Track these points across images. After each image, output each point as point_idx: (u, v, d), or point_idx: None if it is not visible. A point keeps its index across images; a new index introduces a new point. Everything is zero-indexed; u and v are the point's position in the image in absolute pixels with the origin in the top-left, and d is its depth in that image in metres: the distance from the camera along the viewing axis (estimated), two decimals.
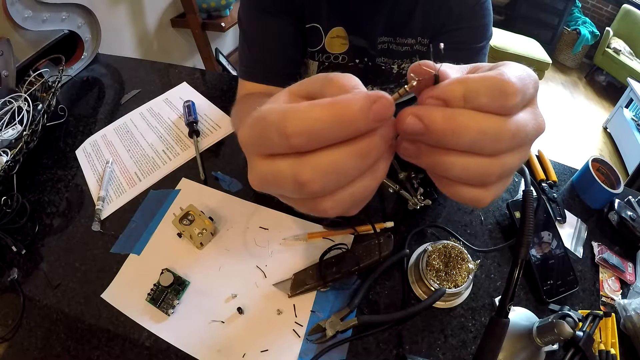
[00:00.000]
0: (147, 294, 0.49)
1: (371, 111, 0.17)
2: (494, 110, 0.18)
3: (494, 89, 0.18)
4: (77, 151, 0.69)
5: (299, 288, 0.48)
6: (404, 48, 0.63)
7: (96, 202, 0.59)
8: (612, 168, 0.64)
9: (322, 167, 0.18)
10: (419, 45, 0.63)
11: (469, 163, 0.19)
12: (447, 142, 0.18)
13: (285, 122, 0.17)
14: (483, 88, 0.18)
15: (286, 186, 0.19)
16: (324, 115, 0.17)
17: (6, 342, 0.46)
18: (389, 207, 0.58)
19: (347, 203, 0.20)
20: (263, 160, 0.19)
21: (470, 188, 0.21)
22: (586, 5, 3.55)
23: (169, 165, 0.65)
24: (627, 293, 0.54)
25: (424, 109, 0.19)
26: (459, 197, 0.21)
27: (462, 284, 0.47)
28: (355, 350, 0.45)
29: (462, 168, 0.19)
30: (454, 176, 0.20)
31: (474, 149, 0.19)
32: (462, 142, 0.18)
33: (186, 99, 0.76)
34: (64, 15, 0.80)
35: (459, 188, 0.21)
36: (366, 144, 0.18)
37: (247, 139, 0.20)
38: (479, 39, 0.58)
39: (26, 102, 0.68)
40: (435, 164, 0.20)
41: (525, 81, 0.19)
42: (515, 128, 0.18)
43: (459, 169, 0.19)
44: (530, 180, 0.41)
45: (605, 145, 2.78)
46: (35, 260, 0.54)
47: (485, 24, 0.58)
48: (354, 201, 0.20)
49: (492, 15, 0.59)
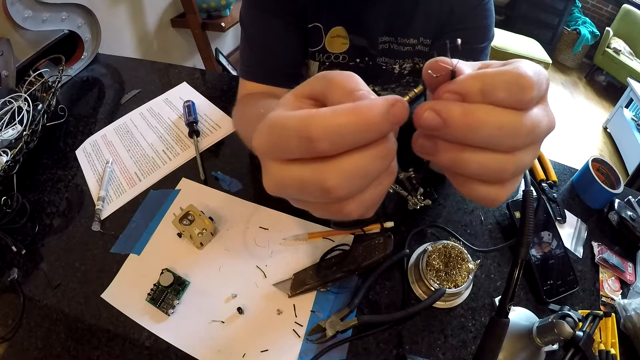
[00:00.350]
0: (147, 294, 0.49)
1: (390, 114, 0.18)
2: (512, 104, 0.18)
3: (511, 83, 0.18)
4: (77, 151, 0.69)
5: (299, 288, 0.48)
6: (406, 48, 0.63)
7: (96, 202, 0.59)
8: (612, 168, 0.64)
9: (348, 171, 0.18)
10: (421, 46, 0.63)
11: (485, 159, 0.19)
12: (465, 138, 0.19)
13: (310, 128, 0.17)
14: (500, 82, 0.18)
15: (311, 191, 0.19)
16: (348, 120, 0.17)
17: (6, 342, 0.46)
18: (389, 207, 0.58)
19: (369, 204, 0.20)
20: (281, 165, 0.19)
21: (486, 186, 0.21)
22: (586, 5, 3.55)
23: (169, 165, 0.65)
24: (627, 293, 0.54)
25: (442, 104, 0.19)
26: (475, 195, 0.21)
27: (462, 284, 0.47)
28: (355, 350, 0.45)
29: (479, 164, 0.19)
30: (471, 173, 0.20)
31: (491, 144, 0.19)
32: (480, 137, 0.18)
33: (186, 99, 0.76)
34: (64, 15, 0.80)
35: (475, 186, 0.21)
36: (386, 145, 0.19)
37: (263, 145, 0.19)
38: (481, 39, 0.59)
39: (26, 102, 0.68)
40: (452, 160, 0.20)
41: (540, 76, 0.19)
42: (531, 124, 0.19)
43: (476, 165, 0.19)
44: (530, 180, 0.41)
45: (605, 145, 2.78)
46: (35, 260, 0.54)
47: (487, 24, 0.58)
48: (374, 201, 0.20)
49: (494, 16, 0.59)
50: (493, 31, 0.59)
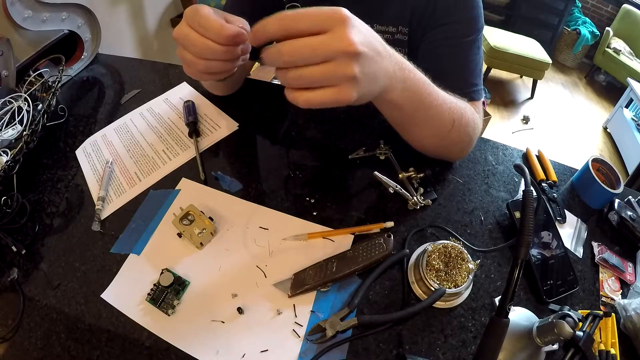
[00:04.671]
0: (147, 294, 0.49)
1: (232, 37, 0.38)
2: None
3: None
4: (77, 151, 0.69)
5: (299, 288, 0.48)
6: (386, 36, 0.62)
7: (96, 202, 0.59)
8: (612, 168, 0.64)
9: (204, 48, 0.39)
10: (399, 35, 0.62)
11: (295, 72, 0.33)
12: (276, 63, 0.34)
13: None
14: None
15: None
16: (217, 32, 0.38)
17: (6, 342, 0.46)
18: (389, 207, 0.58)
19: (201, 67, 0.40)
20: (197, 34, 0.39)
21: (311, 91, 0.34)
22: (586, 5, 3.55)
23: (169, 165, 0.65)
24: (627, 293, 0.54)
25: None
26: (306, 98, 0.34)
27: (462, 284, 0.47)
28: (355, 350, 0.45)
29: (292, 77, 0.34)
30: (292, 84, 0.35)
31: (290, 62, 0.33)
32: (284, 60, 0.34)
33: (186, 99, 0.76)
34: (64, 15, 0.80)
35: (304, 93, 0.34)
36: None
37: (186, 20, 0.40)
38: (470, 31, 0.58)
39: (26, 102, 0.68)
40: (283, 78, 0.34)
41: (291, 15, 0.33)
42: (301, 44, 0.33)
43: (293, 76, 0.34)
44: (530, 180, 0.41)
45: (605, 145, 2.79)
46: (35, 260, 0.54)
47: (474, 16, 0.58)
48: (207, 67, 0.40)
49: (481, 7, 0.59)
50: (482, 22, 0.59)
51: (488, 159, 0.67)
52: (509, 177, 0.65)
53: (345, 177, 0.63)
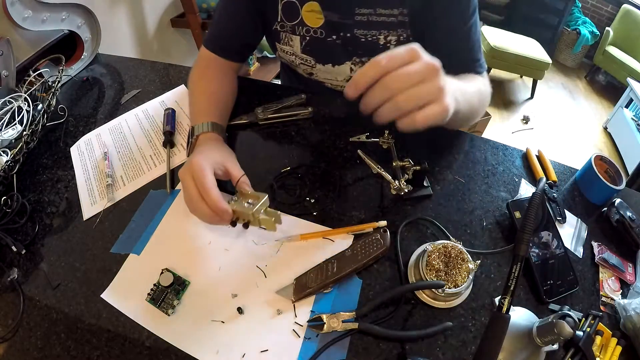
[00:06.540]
0: (147, 294, 0.49)
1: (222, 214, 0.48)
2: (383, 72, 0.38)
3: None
4: (72, 148, 0.69)
5: (302, 292, 0.48)
6: (390, 19, 0.64)
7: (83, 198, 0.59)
8: (614, 165, 0.64)
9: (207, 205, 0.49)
10: (401, 16, 0.64)
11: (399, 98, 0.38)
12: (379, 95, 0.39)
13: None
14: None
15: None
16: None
17: (6, 342, 0.46)
18: (389, 208, 0.58)
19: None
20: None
21: (421, 110, 0.38)
22: (586, 5, 3.55)
23: (153, 171, 0.64)
24: (627, 293, 0.54)
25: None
26: (423, 118, 0.38)
27: (462, 284, 0.47)
28: (355, 350, 0.45)
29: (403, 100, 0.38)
30: (403, 107, 0.38)
31: (392, 90, 0.38)
32: (384, 91, 0.38)
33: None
34: (63, 15, 0.80)
35: (415, 114, 0.38)
36: None
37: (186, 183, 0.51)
38: (468, 13, 0.61)
39: (26, 102, 0.68)
40: (388, 111, 0.39)
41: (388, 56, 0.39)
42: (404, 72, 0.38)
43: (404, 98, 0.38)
44: (543, 186, 0.42)
45: (605, 145, 2.79)
46: (35, 260, 0.54)
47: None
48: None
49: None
50: (475, 2, 0.62)
51: (488, 159, 0.67)
52: (509, 177, 0.65)
53: (346, 177, 0.63)
